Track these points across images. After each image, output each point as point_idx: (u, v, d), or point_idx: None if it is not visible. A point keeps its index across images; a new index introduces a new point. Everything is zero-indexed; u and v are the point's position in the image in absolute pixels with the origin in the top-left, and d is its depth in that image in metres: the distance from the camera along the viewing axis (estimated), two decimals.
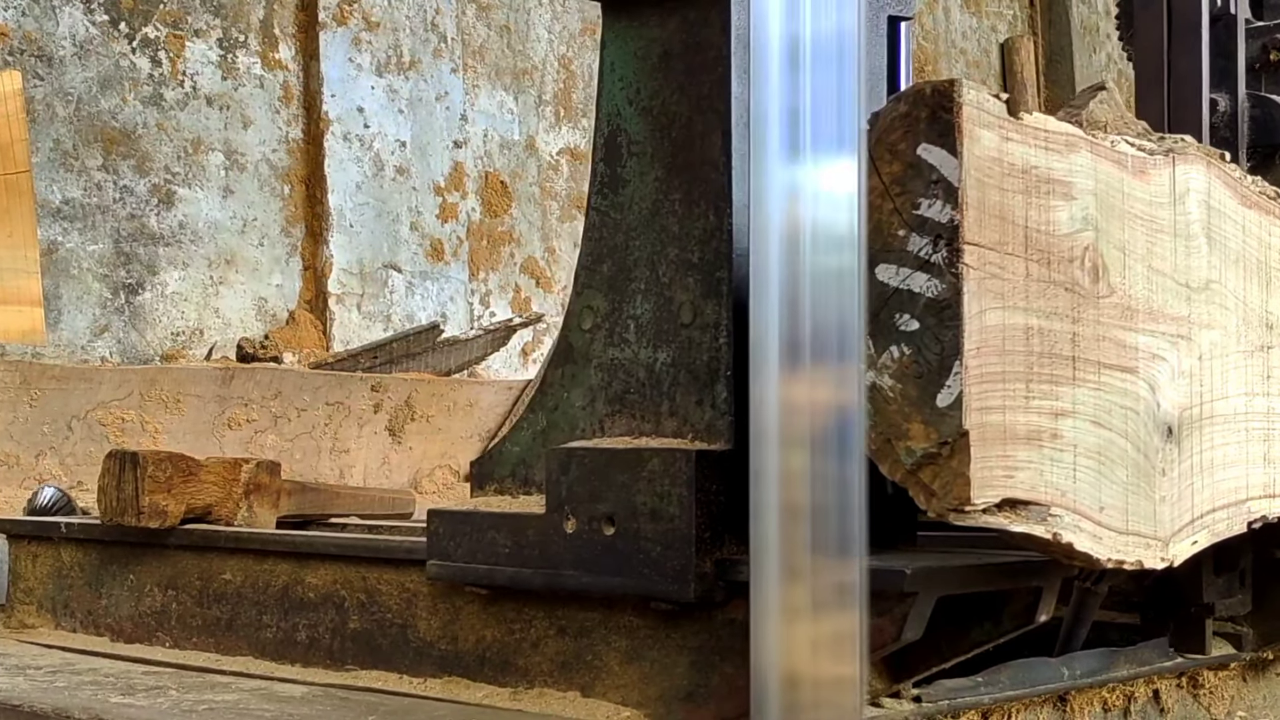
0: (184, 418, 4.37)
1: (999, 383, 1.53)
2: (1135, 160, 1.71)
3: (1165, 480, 1.73)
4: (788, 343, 1.50)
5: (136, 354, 5.38)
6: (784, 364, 1.51)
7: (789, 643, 1.53)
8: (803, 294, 1.49)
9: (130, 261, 5.38)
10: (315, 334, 5.85)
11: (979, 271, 1.51)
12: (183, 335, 5.54)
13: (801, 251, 1.49)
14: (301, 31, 5.98)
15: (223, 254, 5.67)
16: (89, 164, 5.32)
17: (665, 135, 1.86)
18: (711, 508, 1.75)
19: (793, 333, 1.50)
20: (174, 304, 5.52)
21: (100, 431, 4.25)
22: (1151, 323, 1.71)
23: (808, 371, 1.49)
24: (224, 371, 4.53)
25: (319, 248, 5.92)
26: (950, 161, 1.50)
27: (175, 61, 5.56)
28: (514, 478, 2.00)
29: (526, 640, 1.94)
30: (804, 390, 1.50)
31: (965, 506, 1.49)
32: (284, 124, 5.91)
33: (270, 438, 4.48)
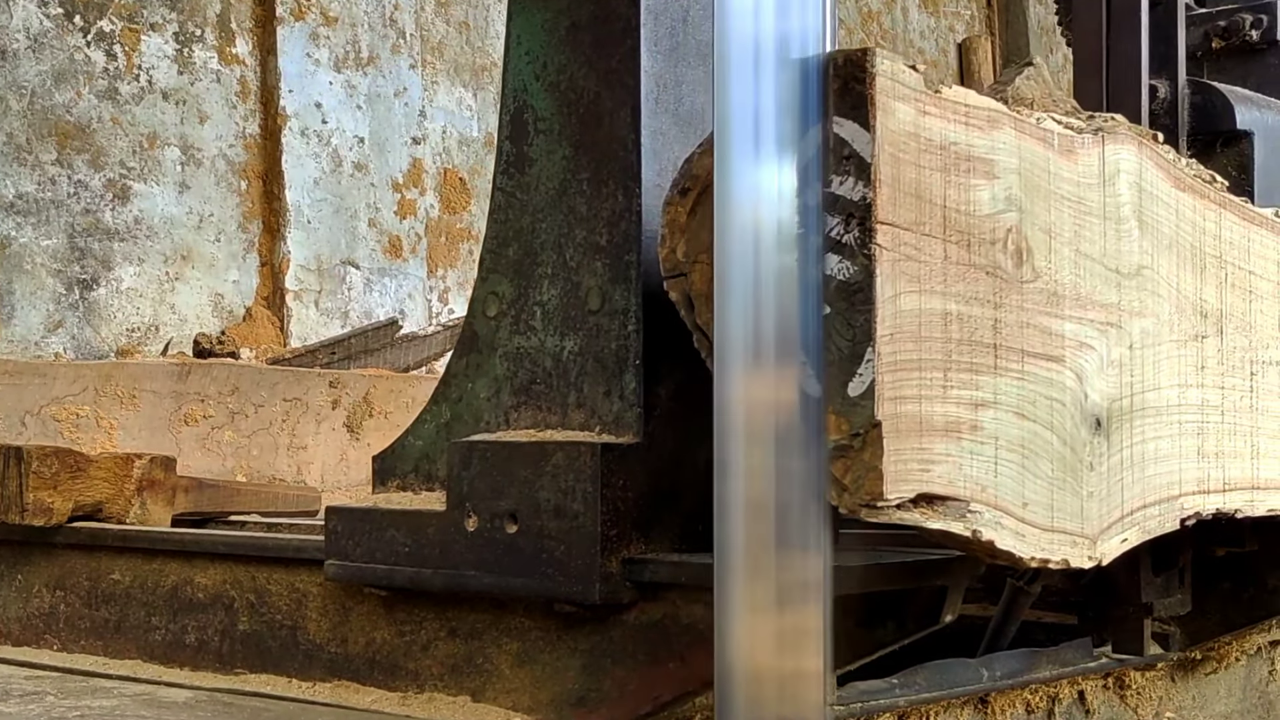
0: (139, 413, 4.33)
1: (915, 371, 1.44)
2: (1062, 139, 1.63)
3: (1093, 475, 1.64)
4: (753, 339, 1.42)
5: (91, 350, 5.32)
6: (748, 360, 1.42)
7: (753, 639, 1.47)
8: (765, 291, 1.42)
9: (85, 257, 5.33)
10: (273, 330, 5.81)
11: (893, 253, 1.42)
12: (138, 331, 5.49)
13: (765, 249, 1.42)
14: (259, 26, 5.94)
15: (179, 250, 5.62)
16: (43, 158, 5.26)
17: (573, 112, 1.77)
18: (618, 504, 1.66)
19: (758, 329, 1.42)
20: (129, 300, 5.47)
21: (54, 427, 4.21)
22: (1079, 309, 1.63)
23: (772, 368, 1.42)
24: (180, 367, 4.48)
25: (276, 244, 5.89)
26: (863, 136, 1.42)
27: (131, 55, 5.50)
28: (417, 473, 1.90)
29: (417, 643, 1.85)
30: (769, 386, 1.43)
31: (878, 502, 1.40)
32: (241, 119, 5.87)
33: (227, 434, 4.43)
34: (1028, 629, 2.67)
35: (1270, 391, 1.93)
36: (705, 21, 1.75)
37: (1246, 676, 3.17)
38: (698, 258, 1.52)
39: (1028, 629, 2.67)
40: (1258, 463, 1.90)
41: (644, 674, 1.66)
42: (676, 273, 1.54)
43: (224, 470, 4.33)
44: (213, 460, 4.35)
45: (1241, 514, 1.89)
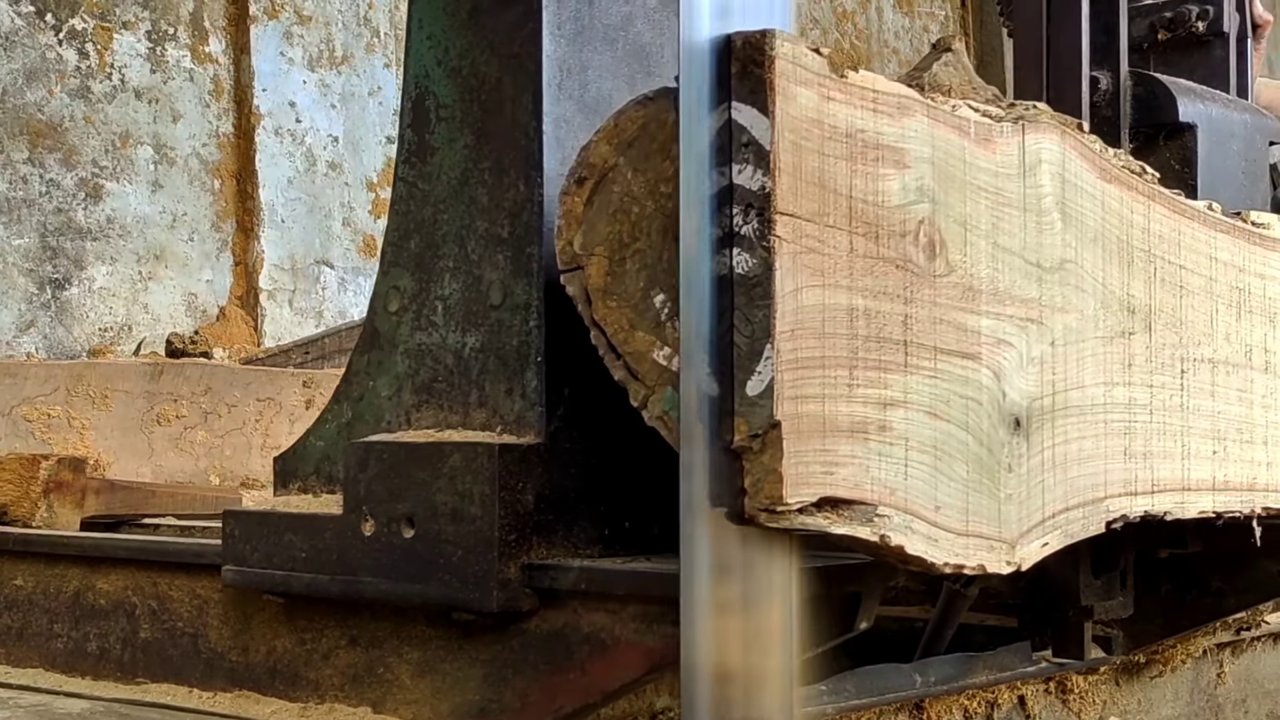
0: (112, 414, 4.26)
1: (818, 369, 1.37)
2: (979, 127, 1.56)
3: (1012, 477, 1.58)
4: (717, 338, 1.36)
5: (63, 349, 5.28)
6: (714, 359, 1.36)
7: (719, 639, 1.43)
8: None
9: (57, 256, 5.29)
10: (246, 330, 5.78)
11: (794, 245, 1.35)
12: (110, 331, 5.45)
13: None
14: (232, 25, 5.90)
15: (152, 249, 5.59)
16: (14, 157, 5.22)
17: (475, 98, 1.70)
18: (518, 507, 1.59)
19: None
20: (102, 299, 5.43)
21: (26, 428, 4.13)
22: (997, 305, 1.57)
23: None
24: (153, 367, 4.46)
25: (250, 243, 5.86)
26: (762, 122, 1.35)
27: (103, 54, 5.46)
28: (318, 475, 1.83)
29: (318, 651, 1.77)
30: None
31: (778, 506, 1.34)
32: (214, 118, 5.83)
33: (200, 434, 4.38)
34: (969, 632, 2.62)
35: (1202, 390, 1.88)
36: (613, 5, 1.68)
37: (1194, 679, 3.12)
38: (594, 250, 1.45)
39: (969, 632, 2.62)
40: (1189, 463, 1.84)
41: (545, 685, 1.59)
42: (573, 266, 1.47)
43: (198, 470, 4.29)
44: (186, 460, 4.32)
45: (1172, 516, 1.83)
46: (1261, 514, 2.00)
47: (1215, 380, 1.90)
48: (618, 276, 1.43)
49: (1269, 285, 2.01)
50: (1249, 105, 2.85)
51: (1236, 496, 1.94)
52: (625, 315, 1.42)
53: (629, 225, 1.43)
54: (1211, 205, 1.93)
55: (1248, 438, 1.96)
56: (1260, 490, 1.98)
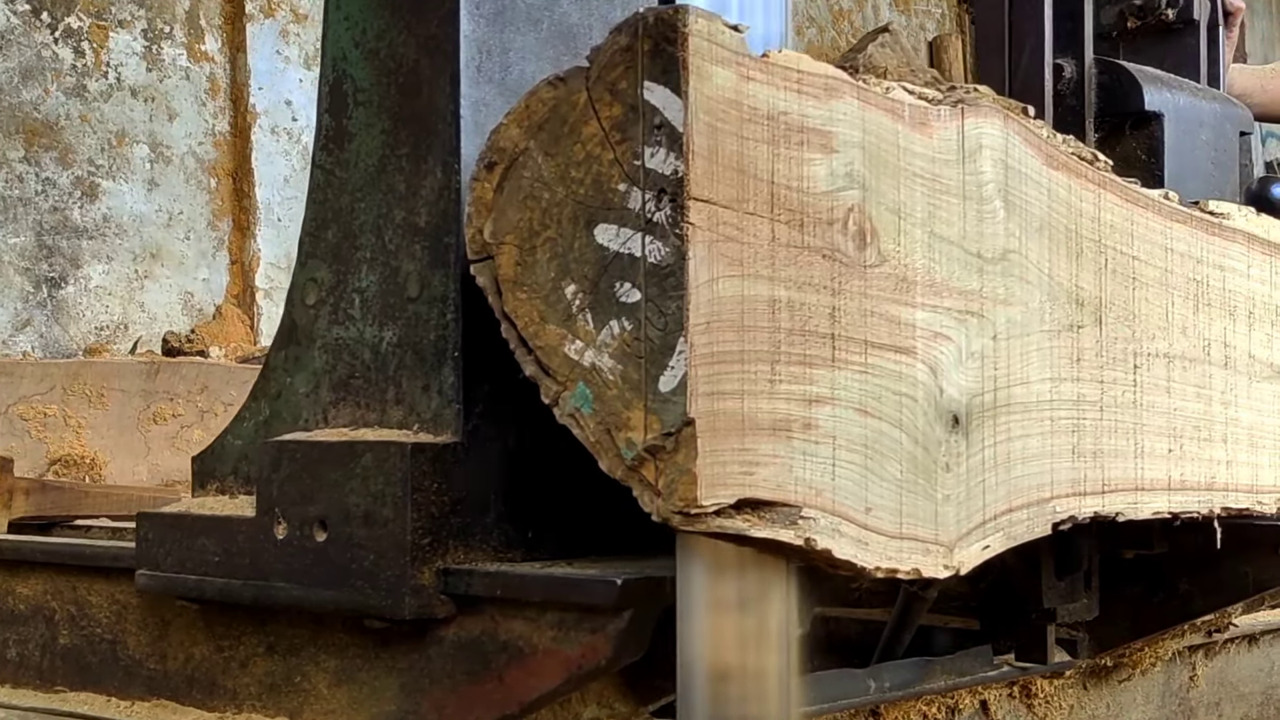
0: (108, 412, 4.30)
1: (736, 364, 1.30)
2: (915, 111, 1.49)
3: (950, 477, 1.51)
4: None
5: (59, 348, 5.26)
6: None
7: (715, 637, 1.41)
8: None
9: (53, 255, 5.27)
10: (243, 329, 5.76)
11: (710, 233, 1.28)
12: (106, 330, 5.43)
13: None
14: (228, 23, 5.89)
15: (148, 248, 5.57)
16: (10, 156, 5.20)
17: (392, 82, 1.62)
18: (432, 510, 1.51)
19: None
20: (98, 298, 5.41)
21: (22, 426, 4.18)
22: (934, 297, 1.50)
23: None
24: (149, 366, 4.44)
25: (246, 242, 5.85)
26: (675, 103, 1.28)
27: (99, 52, 5.44)
28: (236, 476, 1.75)
29: (235, 659, 1.70)
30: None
31: (692, 509, 1.27)
32: (210, 116, 5.81)
33: (196, 433, 4.41)
34: (932, 635, 2.56)
35: (1156, 386, 1.81)
36: None
37: (1165, 683, 3.06)
38: (504, 238, 1.38)
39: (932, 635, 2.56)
40: (1141, 462, 1.77)
41: (462, 695, 1.52)
42: (483, 255, 1.40)
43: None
44: (182, 459, 4.30)
45: (1124, 517, 1.76)
46: (1221, 514, 1.94)
47: (1171, 376, 1.83)
48: (528, 266, 1.36)
49: (1229, 277, 1.94)
50: (1219, 94, 2.78)
51: (1194, 496, 1.87)
52: (536, 307, 1.35)
53: (539, 212, 1.35)
54: (1168, 194, 1.86)
55: (1206, 435, 1.89)
56: (1220, 490, 1.91)
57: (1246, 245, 1.97)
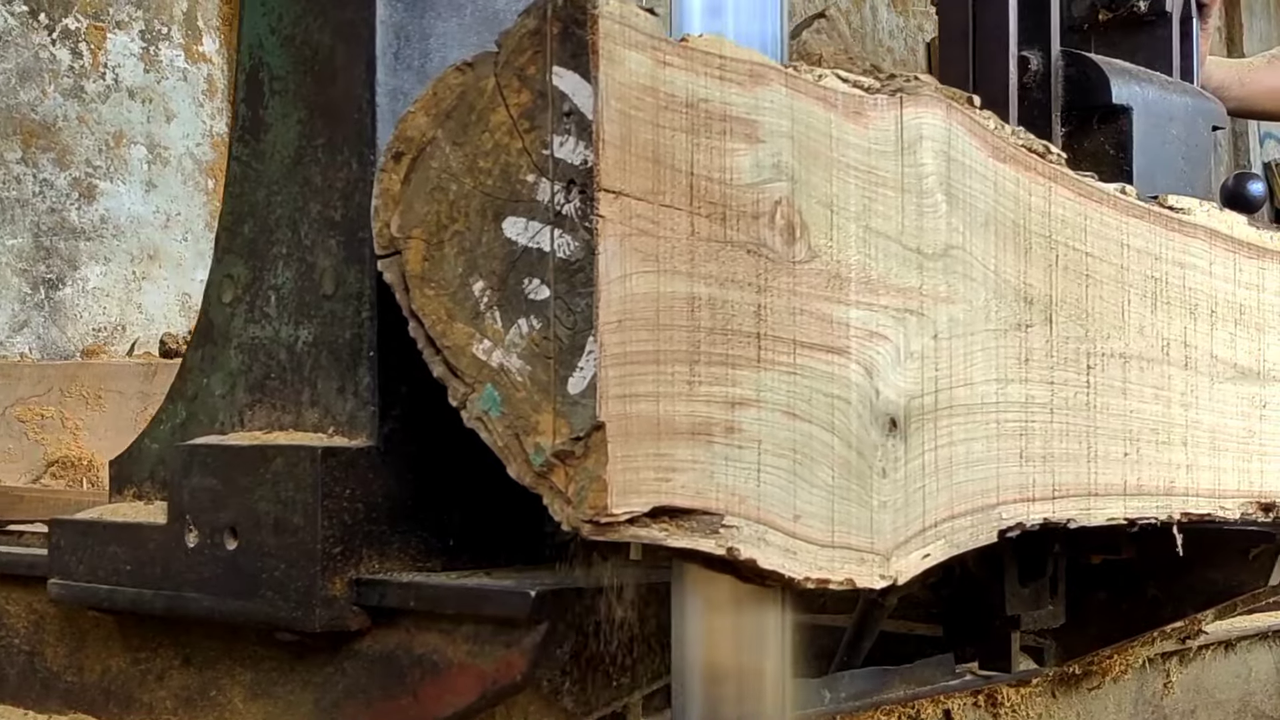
0: (105, 414, 4.30)
1: (651, 364, 1.23)
2: (849, 99, 1.42)
3: (887, 483, 1.44)
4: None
5: (57, 350, 5.23)
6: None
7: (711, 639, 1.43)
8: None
9: (50, 256, 5.25)
10: None
11: (622, 226, 1.22)
12: (104, 331, 5.40)
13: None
14: (225, 24, 5.85)
15: (145, 249, 5.54)
16: (8, 157, 5.18)
17: (308, 70, 1.56)
18: (344, 517, 1.45)
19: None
20: (95, 299, 5.39)
21: (19, 428, 4.18)
22: (869, 294, 1.43)
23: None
24: (146, 367, 4.40)
25: None
26: (584, 89, 1.21)
27: (96, 53, 5.42)
28: (153, 480, 1.68)
29: (151, 672, 1.64)
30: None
31: (602, 517, 1.20)
32: (208, 118, 5.76)
33: None
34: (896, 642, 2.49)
35: (1111, 387, 1.74)
36: None
37: (1139, 690, 2.99)
38: (412, 232, 1.31)
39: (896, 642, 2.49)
40: (1095, 466, 1.70)
41: (377, 712, 1.45)
42: (391, 250, 1.33)
43: None
44: None
45: (1075, 524, 1.69)
46: (1181, 520, 1.87)
47: (1127, 377, 1.76)
48: (436, 262, 1.29)
49: (1189, 274, 1.87)
50: (1190, 88, 2.71)
51: (1152, 501, 1.80)
52: (443, 305, 1.28)
53: (447, 205, 1.29)
54: (1125, 189, 1.79)
55: (1165, 438, 1.82)
56: (1179, 494, 1.84)
57: (1209, 241, 1.90)
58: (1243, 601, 2.60)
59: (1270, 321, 2.00)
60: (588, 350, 1.20)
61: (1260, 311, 1.99)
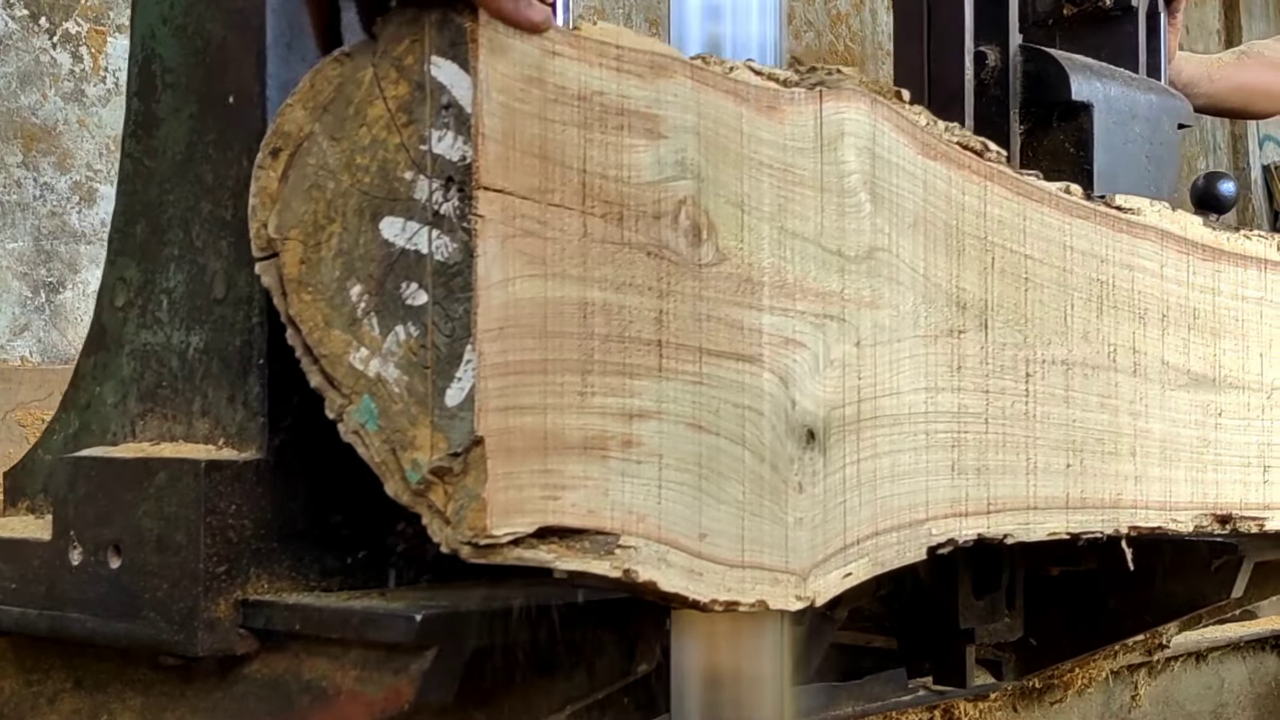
0: None
1: (538, 374, 1.16)
2: (762, 93, 1.35)
3: (804, 498, 1.37)
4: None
5: (57, 353, 5.13)
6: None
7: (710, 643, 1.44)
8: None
9: (51, 260, 5.16)
10: None
11: (504, 227, 1.14)
12: None
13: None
14: None
15: None
16: (8, 161, 5.10)
17: (200, 61, 1.48)
18: (230, 534, 1.36)
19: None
20: (96, 303, 5.28)
21: (20, 433, 4.13)
22: (784, 299, 1.35)
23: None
24: None
25: None
26: (463, 80, 1.13)
27: (97, 57, 5.36)
28: (45, 493, 1.60)
29: (44, 695, 1.55)
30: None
31: (482, 539, 1.12)
32: None
33: None
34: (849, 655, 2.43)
35: (1053, 396, 1.66)
36: None
37: (1105, 703, 2.92)
38: (289, 233, 1.23)
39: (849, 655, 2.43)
40: (1034, 479, 1.63)
41: None
42: (269, 253, 1.25)
43: None
44: None
45: (1013, 539, 1.61)
46: (1130, 534, 1.79)
47: (1070, 384, 1.69)
48: (313, 265, 1.21)
49: (1139, 277, 1.79)
50: (1155, 84, 2.63)
51: (1097, 515, 1.72)
52: (321, 310, 1.21)
53: (325, 204, 1.21)
54: (1069, 188, 1.72)
55: (1111, 449, 1.74)
56: (1127, 507, 1.77)
57: (1160, 243, 1.83)
58: (1207, 614, 2.53)
59: (1226, 326, 1.93)
60: (466, 360, 1.12)
61: (1215, 316, 1.91)
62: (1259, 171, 10.56)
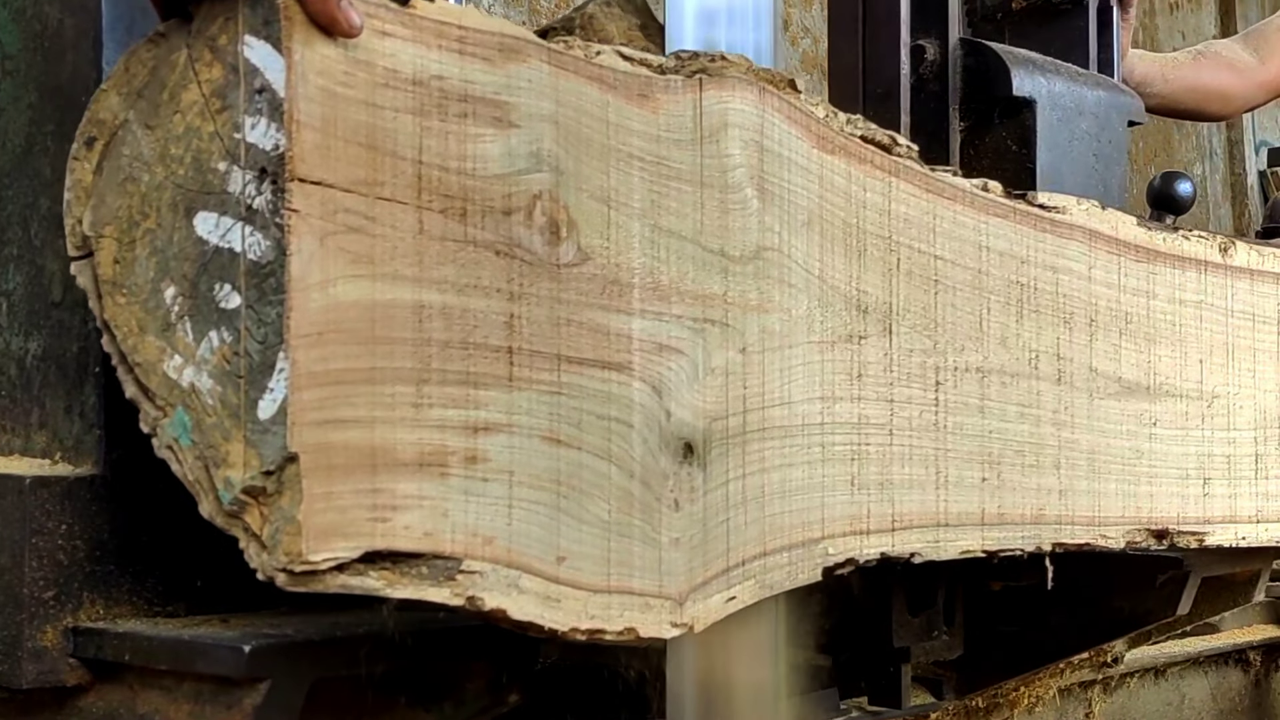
0: None
1: (364, 385, 1.06)
2: (631, 80, 1.25)
3: (680, 516, 1.26)
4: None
5: None
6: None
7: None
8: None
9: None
10: None
11: (323, 222, 1.04)
12: None
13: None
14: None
15: None
16: None
17: (39, 47, 1.37)
18: (59, 556, 1.26)
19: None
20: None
21: None
22: (658, 302, 1.25)
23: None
24: None
25: None
26: (277, 62, 1.03)
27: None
28: None
29: None
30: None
31: (297, 565, 1.02)
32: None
33: None
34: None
35: (967, 405, 1.56)
36: None
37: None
38: (104, 230, 1.13)
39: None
40: (945, 494, 1.53)
41: None
42: (84, 251, 1.15)
43: None
44: None
45: (921, 558, 1.51)
46: (1055, 550, 1.69)
47: (986, 393, 1.59)
48: (127, 264, 1.11)
49: (1064, 279, 1.69)
50: (1104, 80, 2.53)
51: (1017, 531, 1.62)
52: (135, 314, 1.10)
53: (139, 198, 1.11)
54: (986, 185, 1.62)
55: (1033, 461, 1.64)
56: (1050, 523, 1.67)
57: (1088, 243, 1.73)
58: (1156, 630, 2.43)
59: (1162, 331, 1.83)
60: (279, 368, 1.02)
61: (1150, 320, 1.81)
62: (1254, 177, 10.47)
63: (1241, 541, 1.98)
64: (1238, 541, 1.97)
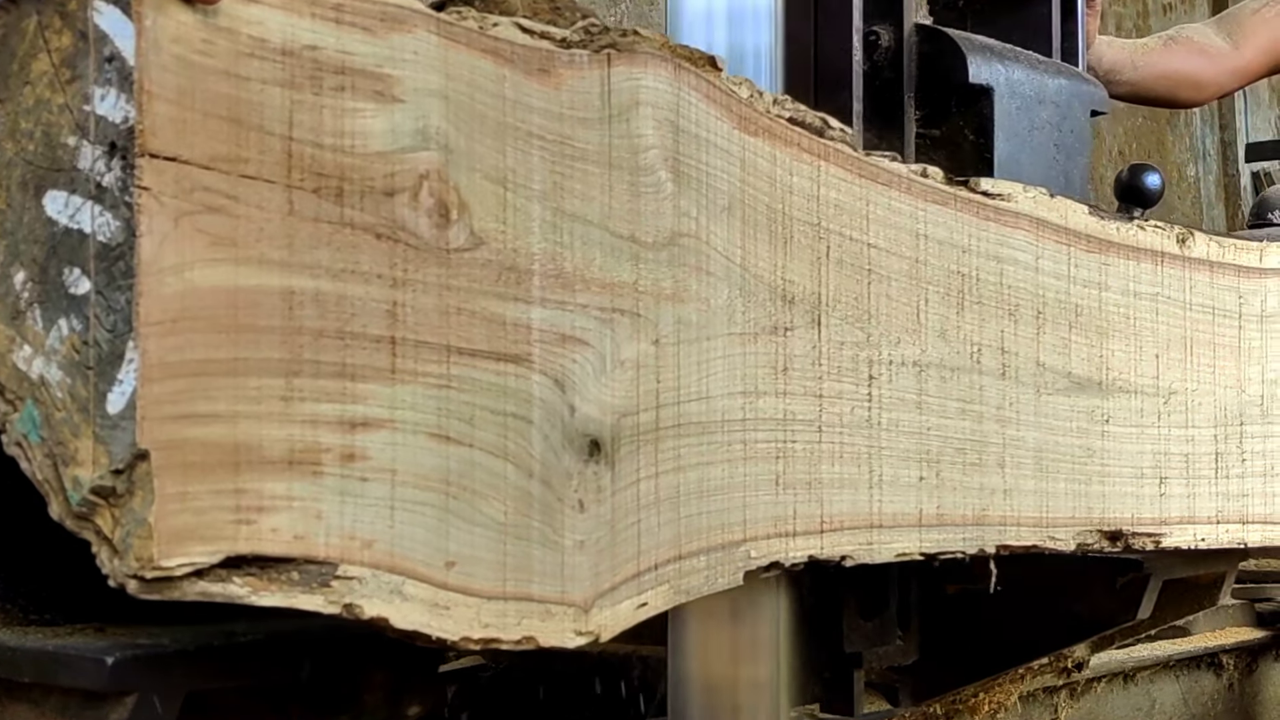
0: None
1: (226, 376, 0.98)
2: (531, 54, 1.17)
3: (585, 518, 1.19)
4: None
5: None
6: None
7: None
8: None
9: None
10: None
11: (179, 202, 0.96)
12: None
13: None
14: None
15: None
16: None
17: None
18: None
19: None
20: None
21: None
22: (560, 291, 1.18)
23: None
24: None
25: None
26: (126, 28, 0.95)
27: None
28: None
29: None
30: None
31: (149, 572, 0.94)
32: None
33: None
34: None
35: (903, 401, 1.49)
36: None
37: None
38: None
39: None
40: (879, 493, 1.45)
41: None
42: None
43: None
44: None
45: (853, 561, 1.44)
46: (999, 553, 1.62)
47: (924, 388, 1.51)
48: None
49: (1009, 270, 1.62)
50: (1067, 68, 2.46)
51: (957, 533, 1.55)
52: None
53: None
54: (925, 170, 1.54)
55: (975, 460, 1.57)
56: (994, 524, 1.59)
57: (1034, 232, 1.65)
58: (1119, 634, 2.36)
59: (1115, 325, 1.75)
60: (128, 359, 0.94)
61: (1102, 313, 1.74)
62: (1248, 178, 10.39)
63: (1201, 543, 1.91)
64: (1196, 543, 1.90)
